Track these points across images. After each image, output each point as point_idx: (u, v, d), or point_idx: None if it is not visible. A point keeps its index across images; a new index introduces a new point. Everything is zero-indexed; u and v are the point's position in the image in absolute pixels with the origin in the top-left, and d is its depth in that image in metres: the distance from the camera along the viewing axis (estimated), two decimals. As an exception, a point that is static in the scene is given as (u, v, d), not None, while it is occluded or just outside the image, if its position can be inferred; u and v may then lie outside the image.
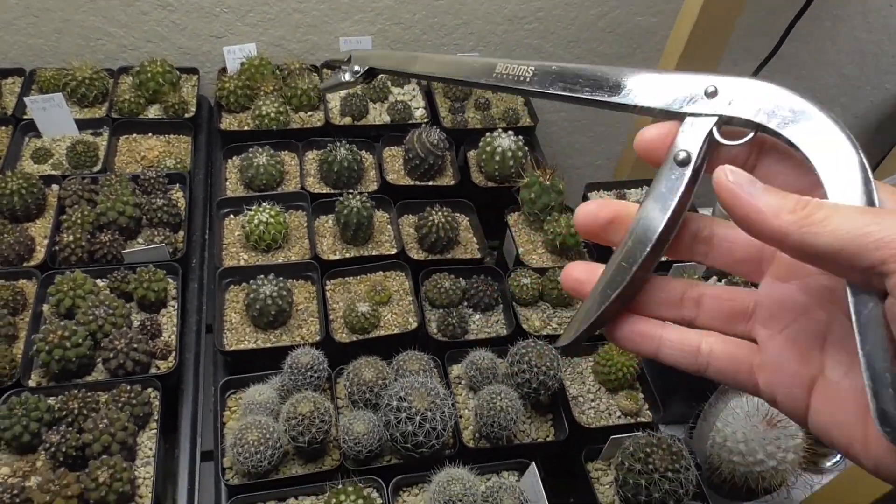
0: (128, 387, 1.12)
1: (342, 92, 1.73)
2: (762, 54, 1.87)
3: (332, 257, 1.42)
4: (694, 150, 0.38)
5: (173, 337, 1.25)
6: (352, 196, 1.39)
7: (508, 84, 0.46)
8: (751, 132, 0.37)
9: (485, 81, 0.48)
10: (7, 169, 1.44)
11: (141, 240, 1.38)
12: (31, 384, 1.15)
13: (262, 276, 1.28)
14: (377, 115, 1.72)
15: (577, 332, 0.41)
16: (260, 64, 1.66)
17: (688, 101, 0.38)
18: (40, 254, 1.33)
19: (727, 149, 0.38)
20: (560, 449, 1.23)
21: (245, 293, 1.29)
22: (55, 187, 1.44)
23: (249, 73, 1.65)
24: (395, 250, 1.43)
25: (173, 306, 1.30)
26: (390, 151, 1.65)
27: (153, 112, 1.64)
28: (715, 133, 0.37)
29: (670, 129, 0.39)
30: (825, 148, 0.34)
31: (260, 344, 1.26)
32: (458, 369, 1.29)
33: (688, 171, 0.38)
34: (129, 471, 1.02)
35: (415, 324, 1.32)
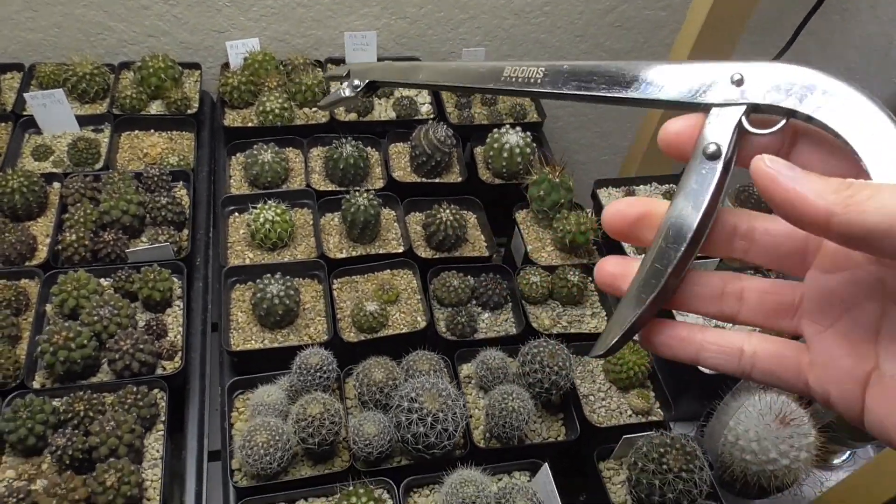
0: (134, 388, 1.10)
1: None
2: (770, 49, 1.85)
3: (338, 256, 1.40)
4: (724, 142, 0.36)
5: (179, 337, 1.23)
6: (358, 194, 1.37)
7: (518, 87, 0.45)
8: (782, 119, 0.35)
9: (493, 86, 0.46)
10: (7, 166, 1.42)
11: (144, 238, 1.36)
12: (35, 386, 1.13)
13: (268, 275, 1.26)
14: (382, 111, 1.70)
15: (614, 340, 0.39)
16: (263, 59, 1.64)
17: (713, 90, 0.37)
18: (42, 253, 1.31)
19: (758, 139, 0.36)
20: (571, 448, 1.21)
21: (251, 292, 1.27)
22: (57, 185, 1.42)
23: (253, 69, 1.63)
24: (403, 248, 1.42)
25: (178, 306, 1.29)
26: (396, 148, 1.63)
27: (155, 108, 1.61)
28: (744, 122, 0.36)
29: (696, 121, 0.37)
30: (863, 127, 0.32)
31: (267, 344, 1.25)
32: (468, 368, 1.28)
33: (719, 165, 0.36)
34: (137, 474, 1.00)
35: (423, 323, 1.30)
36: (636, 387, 1.30)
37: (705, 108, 0.37)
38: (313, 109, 1.66)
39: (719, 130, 0.36)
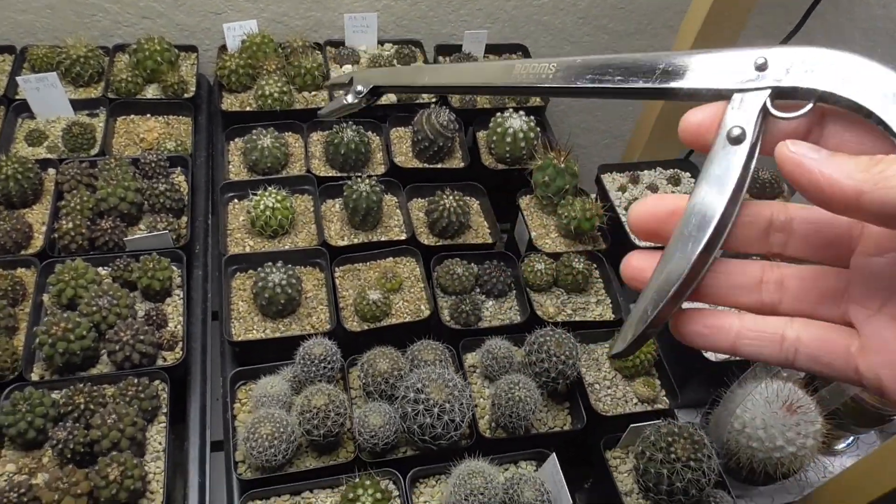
0: (135, 380, 1.08)
1: (347, 71, 1.68)
2: (776, 34, 1.83)
3: (340, 243, 1.38)
4: (748, 126, 0.34)
5: (179, 327, 1.21)
6: (360, 180, 1.34)
7: (529, 84, 0.44)
8: (809, 103, 0.34)
9: (502, 85, 0.45)
10: (1, 152, 1.39)
11: (143, 226, 1.34)
12: (33, 378, 1.11)
13: (269, 263, 1.24)
14: (383, 95, 1.67)
15: (633, 336, 0.37)
16: (261, 42, 1.60)
17: (735, 77, 0.35)
18: (38, 241, 1.29)
19: (784, 124, 0.35)
20: (577, 437, 1.20)
21: (252, 281, 1.25)
22: (52, 171, 1.39)
23: (251, 52, 1.59)
24: (405, 235, 1.39)
25: (178, 295, 1.26)
26: (397, 132, 1.60)
27: (151, 92, 1.58)
28: (769, 106, 0.34)
29: (718, 109, 0.36)
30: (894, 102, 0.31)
31: (269, 334, 1.23)
32: (473, 357, 1.26)
33: (743, 149, 0.34)
34: (140, 467, 0.99)
35: (427, 311, 1.28)
36: (642, 375, 1.29)
37: (727, 96, 0.36)
38: (312, 93, 1.62)
39: (743, 115, 0.35)
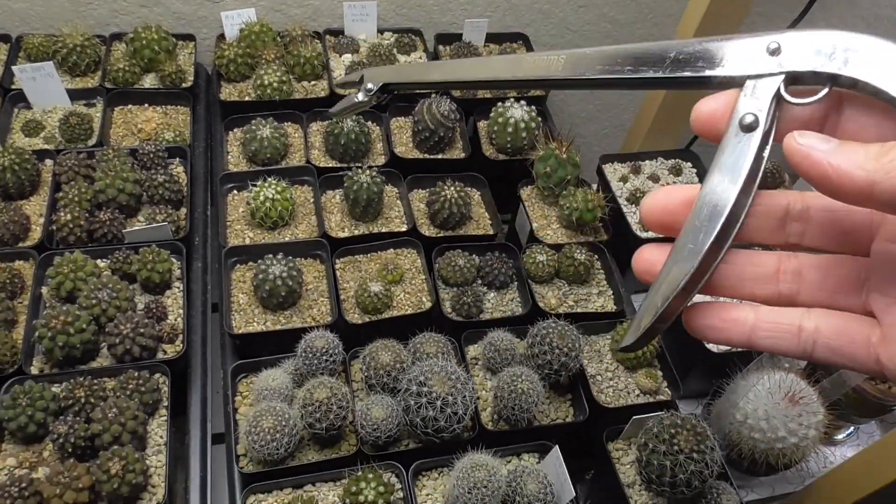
0: (135, 373, 1.07)
1: (346, 60, 1.66)
2: (778, 23, 1.81)
3: (340, 235, 1.37)
4: (762, 113, 0.34)
5: (180, 320, 1.21)
6: (361, 171, 1.33)
7: (539, 77, 0.43)
8: (824, 88, 0.33)
9: (512, 78, 0.45)
10: (-3, 143, 1.37)
11: (141, 218, 1.33)
12: (33, 371, 1.11)
13: (269, 255, 1.23)
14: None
15: (643, 330, 0.37)
16: (260, 30, 1.58)
17: (748, 64, 0.34)
18: (36, 233, 1.28)
19: (799, 110, 0.34)
20: (580, 429, 1.20)
21: (253, 273, 1.24)
22: (49, 162, 1.38)
23: (249, 41, 1.57)
24: (406, 227, 1.38)
25: (178, 288, 1.25)
26: (398, 122, 1.59)
27: (149, 81, 1.56)
28: (783, 92, 0.33)
29: (730, 98, 0.35)
30: None
31: (270, 326, 1.22)
32: (475, 350, 1.26)
33: (756, 136, 0.34)
34: (142, 461, 0.98)
35: (429, 303, 1.28)
36: (644, 366, 1.29)
37: (740, 83, 0.35)
38: (312, 83, 1.61)
39: (756, 102, 0.34)
